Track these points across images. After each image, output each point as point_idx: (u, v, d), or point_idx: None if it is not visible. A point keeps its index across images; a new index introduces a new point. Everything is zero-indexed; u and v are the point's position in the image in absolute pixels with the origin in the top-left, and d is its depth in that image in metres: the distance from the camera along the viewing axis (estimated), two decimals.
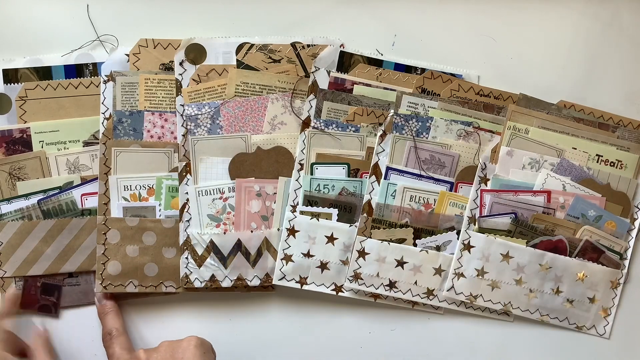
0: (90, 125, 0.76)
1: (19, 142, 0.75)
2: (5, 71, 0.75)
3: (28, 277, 0.75)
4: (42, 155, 0.75)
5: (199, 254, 0.75)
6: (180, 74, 0.76)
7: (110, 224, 0.75)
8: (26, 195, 0.75)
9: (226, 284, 0.75)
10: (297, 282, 0.76)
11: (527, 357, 0.78)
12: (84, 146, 0.76)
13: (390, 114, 0.76)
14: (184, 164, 0.75)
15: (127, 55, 0.76)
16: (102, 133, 0.75)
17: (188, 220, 0.75)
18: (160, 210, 0.76)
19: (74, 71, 0.76)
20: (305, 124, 0.76)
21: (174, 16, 0.78)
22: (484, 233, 0.75)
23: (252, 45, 0.77)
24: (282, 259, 0.75)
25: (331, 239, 0.76)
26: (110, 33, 0.77)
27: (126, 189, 0.75)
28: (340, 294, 0.76)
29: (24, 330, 0.73)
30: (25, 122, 0.75)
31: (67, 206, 0.75)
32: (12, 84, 0.75)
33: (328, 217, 0.76)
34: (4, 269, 0.74)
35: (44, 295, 0.75)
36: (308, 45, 0.77)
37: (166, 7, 0.78)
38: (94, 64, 0.76)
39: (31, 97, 0.75)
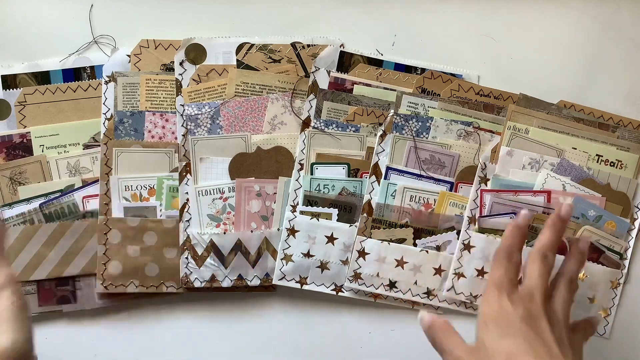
0: (90, 128, 0.76)
1: (20, 147, 0.76)
2: (3, 77, 0.75)
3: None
4: (42, 159, 0.76)
5: (199, 254, 0.75)
6: (181, 74, 0.76)
7: (111, 224, 0.75)
8: (27, 200, 0.75)
9: (226, 284, 0.76)
10: (297, 282, 0.76)
11: None
12: (84, 149, 0.76)
13: (390, 114, 0.76)
14: (184, 164, 0.76)
15: (128, 56, 0.76)
16: (104, 133, 0.75)
17: (188, 220, 0.76)
18: (161, 210, 0.76)
19: (72, 75, 0.76)
20: (305, 124, 0.76)
21: (174, 16, 0.78)
22: (484, 233, 0.75)
23: (252, 45, 0.77)
24: (282, 259, 0.76)
25: (331, 239, 0.76)
26: (111, 34, 0.77)
27: (127, 189, 0.76)
28: (340, 294, 0.76)
29: None
30: (25, 126, 0.76)
31: (69, 209, 0.75)
32: (11, 89, 0.76)
33: (328, 217, 0.76)
34: None
35: (59, 287, 0.75)
36: (308, 45, 0.77)
37: (166, 7, 0.78)
38: (92, 67, 0.76)
39: (30, 101, 0.76)
